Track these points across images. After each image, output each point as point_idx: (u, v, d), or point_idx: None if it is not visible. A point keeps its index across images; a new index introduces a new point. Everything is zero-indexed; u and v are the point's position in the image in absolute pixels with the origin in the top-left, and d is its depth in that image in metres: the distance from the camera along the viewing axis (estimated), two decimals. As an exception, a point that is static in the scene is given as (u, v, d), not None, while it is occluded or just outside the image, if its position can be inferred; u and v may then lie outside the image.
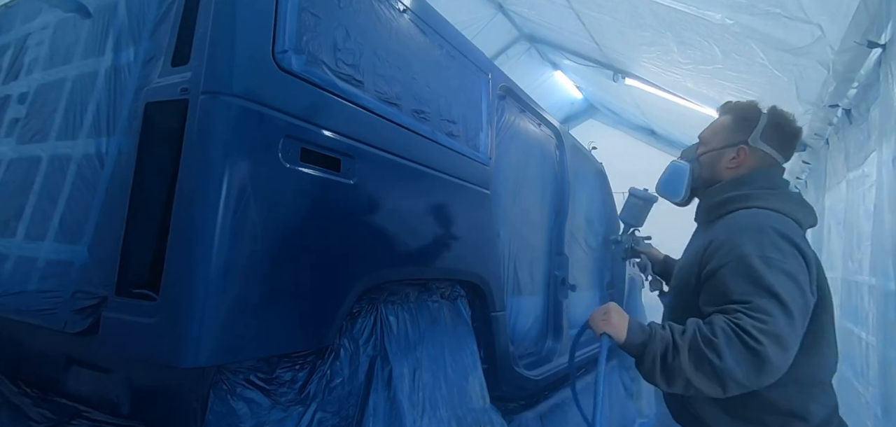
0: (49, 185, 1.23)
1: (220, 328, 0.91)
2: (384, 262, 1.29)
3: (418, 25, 1.51)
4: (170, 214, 0.93)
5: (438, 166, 1.52)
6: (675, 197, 1.26)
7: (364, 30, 1.26)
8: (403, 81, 1.40)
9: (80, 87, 1.28)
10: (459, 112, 1.67)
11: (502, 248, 1.99)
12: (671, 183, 1.27)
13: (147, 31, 1.17)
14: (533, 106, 2.39)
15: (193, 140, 0.94)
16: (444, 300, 1.61)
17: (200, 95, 0.94)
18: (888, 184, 1.76)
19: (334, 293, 1.14)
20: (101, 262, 1.04)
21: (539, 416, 2.27)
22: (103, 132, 1.17)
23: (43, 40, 1.45)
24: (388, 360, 1.28)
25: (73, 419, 1.14)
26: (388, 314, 1.35)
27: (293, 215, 1.05)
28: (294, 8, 1.07)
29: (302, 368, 1.15)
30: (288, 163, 1.03)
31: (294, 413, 1.10)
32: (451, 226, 1.57)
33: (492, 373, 1.78)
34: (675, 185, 1.26)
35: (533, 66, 6.03)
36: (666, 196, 1.29)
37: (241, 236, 0.94)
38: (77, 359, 1.18)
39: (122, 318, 0.96)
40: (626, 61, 4.63)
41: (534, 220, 2.39)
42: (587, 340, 1.40)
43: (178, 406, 1.05)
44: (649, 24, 3.26)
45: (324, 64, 1.13)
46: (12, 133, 1.40)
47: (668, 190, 1.28)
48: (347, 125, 1.18)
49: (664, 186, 1.29)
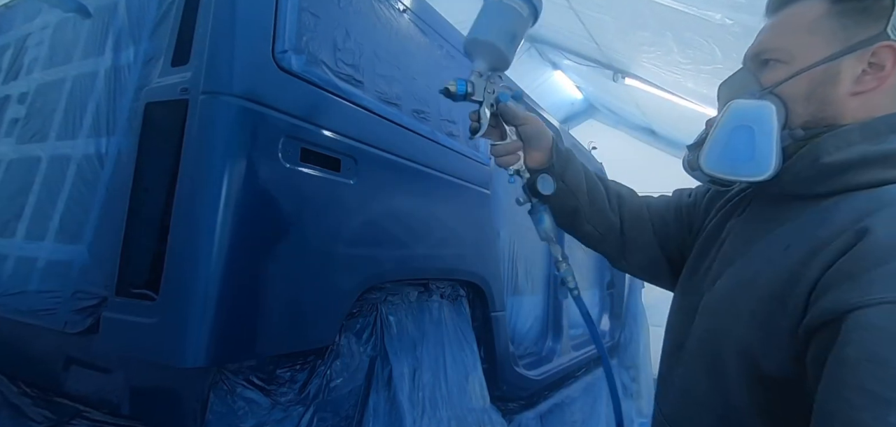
0: (49, 185, 1.24)
1: (221, 328, 0.91)
2: (384, 262, 1.29)
3: (418, 25, 1.51)
4: (170, 214, 0.93)
5: (438, 166, 1.52)
6: (756, 171, 0.60)
7: (364, 30, 1.26)
8: (403, 81, 1.40)
9: (79, 87, 1.28)
10: (459, 112, 1.67)
11: (502, 248, 1.99)
12: (744, 145, 0.61)
13: (147, 31, 1.17)
14: (533, 106, 2.39)
15: (193, 140, 0.94)
16: (445, 300, 1.61)
17: (200, 95, 0.94)
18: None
19: (334, 293, 1.14)
20: (101, 262, 1.04)
21: (539, 416, 2.27)
22: (103, 132, 1.17)
23: (43, 40, 1.45)
24: (388, 360, 1.28)
25: (73, 419, 1.14)
26: (388, 314, 1.35)
27: (293, 215, 1.05)
28: (294, 8, 1.07)
29: (302, 368, 1.15)
30: (288, 163, 1.03)
31: (294, 413, 1.10)
32: (452, 226, 1.57)
33: (492, 373, 1.78)
34: (753, 149, 0.60)
35: (533, 66, 6.03)
36: (733, 173, 0.63)
37: (241, 236, 0.94)
38: (77, 359, 1.18)
39: (122, 318, 0.96)
40: (626, 61, 4.63)
41: (534, 220, 2.39)
42: (588, 339, 1.39)
43: (178, 406, 1.05)
44: (649, 24, 3.26)
45: (324, 64, 1.13)
46: (12, 133, 1.40)
47: (739, 160, 0.62)
48: (347, 125, 1.18)
49: (730, 153, 0.63)
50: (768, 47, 0.65)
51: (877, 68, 0.58)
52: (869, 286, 0.43)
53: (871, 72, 0.58)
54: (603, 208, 0.89)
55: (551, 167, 0.86)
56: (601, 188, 0.90)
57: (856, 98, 0.59)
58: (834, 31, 0.60)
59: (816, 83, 0.60)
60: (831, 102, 0.60)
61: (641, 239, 0.88)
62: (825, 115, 0.60)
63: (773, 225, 0.61)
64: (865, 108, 0.59)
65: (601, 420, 2.94)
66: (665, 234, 0.87)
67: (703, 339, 0.64)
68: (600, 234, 0.91)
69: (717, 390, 0.60)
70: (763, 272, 0.56)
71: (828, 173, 0.57)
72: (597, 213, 0.89)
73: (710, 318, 0.63)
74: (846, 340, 0.42)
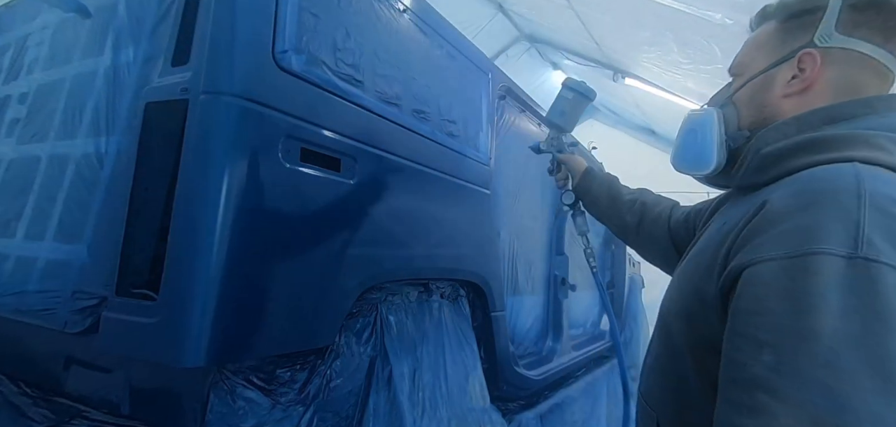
0: (49, 184, 1.24)
1: (221, 328, 0.91)
2: (384, 262, 1.29)
3: (418, 25, 1.51)
4: (170, 214, 0.93)
5: (438, 166, 1.52)
6: (701, 167, 0.73)
7: (364, 30, 1.26)
8: (403, 81, 1.40)
9: (79, 87, 1.28)
10: (459, 112, 1.67)
11: (502, 248, 1.99)
12: (691, 146, 0.74)
13: (147, 31, 1.17)
14: (533, 106, 2.39)
15: (193, 140, 0.94)
16: (445, 300, 1.61)
17: (200, 95, 0.94)
18: None
19: (335, 293, 1.14)
20: (101, 261, 1.04)
21: (539, 415, 2.27)
22: (103, 132, 1.17)
23: (43, 40, 1.45)
24: (388, 360, 1.28)
25: (73, 419, 1.14)
26: (388, 314, 1.35)
27: (293, 215, 1.05)
28: (294, 8, 1.07)
29: (302, 368, 1.15)
30: (288, 163, 1.03)
31: (294, 413, 1.10)
32: (452, 226, 1.57)
33: (492, 373, 1.78)
34: (698, 149, 0.73)
35: (533, 66, 6.04)
36: (688, 170, 0.76)
37: (241, 236, 0.94)
38: (77, 359, 1.18)
39: (122, 318, 0.96)
40: (626, 61, 4.64)
41: (534, 220, 2.39)
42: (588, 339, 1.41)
43: (178, 406, 1.05)
44: (649, 24, 3.26)
45: (324, 64, 1.13)
46: (12, 133, 1.40)
47: (687, 159, 0.75)
48: (348, 125, 1.18)
49: (682, 154, 0.77)
50: (733, 63, 0.78)
51: (802, 73, 0.66)
52: (759, 247, 0.50)
53: (799, 76, 0.66)
54: (620, 213, 1.17)
55: (576, 187, 1.33)
56: (620, 200, 1.18)
57: (787, 100, 0.67)
58: (775, 45, 0.70)
59: (756, 90, 0.71)
60: (767, 105, 0.69)
61: (655, 235, 1.07)
62: (765, 117, 0.69)
63: (730, 210, 0.69)
64: (798, 108, 0.66)
65: (601, 420, 2.94)
66: (677, 235, 1.02)
67: (661, 313, 0.72)
68: (618, 229, 1.21)
69: (670, 358, 0.67)
70: (706, 249, 0.64)
71: (768, 162, 0.63)
72: (614, 216, 1.20)
73: (667, 294, 0.72)
74: (739, 294, 0.50)
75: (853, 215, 0.47)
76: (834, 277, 0.44)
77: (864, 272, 0.44)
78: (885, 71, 0.62)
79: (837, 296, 0.44)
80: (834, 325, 0.43)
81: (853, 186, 0.49)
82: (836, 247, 0.46)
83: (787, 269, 0.47)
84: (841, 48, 0.63)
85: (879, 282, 0.44)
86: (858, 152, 0.55)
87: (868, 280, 0.44)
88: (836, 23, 0.64)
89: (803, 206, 0.50)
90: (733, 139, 0.71)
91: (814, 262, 0.45)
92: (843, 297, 0.44)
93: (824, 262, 0.45)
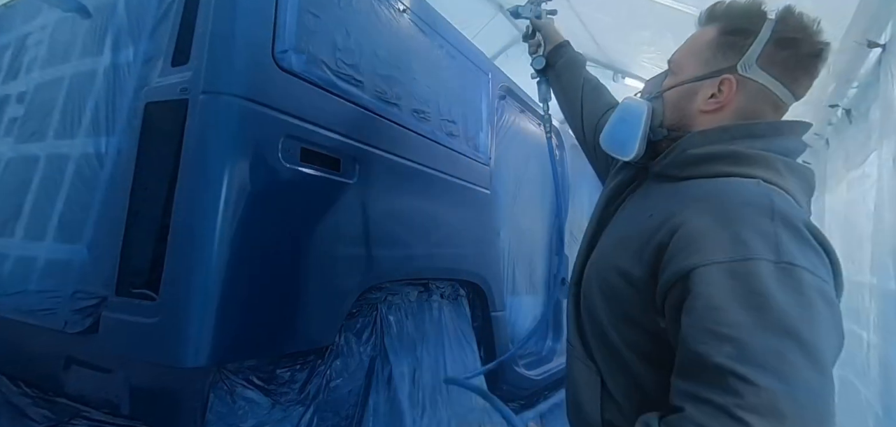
0: (48, 184, 1.23)
1: (221, 328, 0.91)
2: (384, 262, 1.29)
3: (418, 25, 1.51)
4: (170, 214, 0.93)
5: (438, 166, 1.52)
6: (623, 153, 0.80)
7: (364, 30, 1.26)
8: (403, 81, 1.40)
9: (79, 87, 1.28)
10: (459, 112, 1.67)
11: (502, 248, 1.99)
12: (620, 132, 0.80)
13: (147, 30, 1.17)
14: (533, 106, 2.39)
15: (193, 140, 0.94)
16: (445, 300, 1.61)
17: (200, 95, 0.94)
18: (888, 183, 1.76)
19: (334, 293, 1.14)
20: (101, 261, 1.04)
21: (539, 415, 2.27)
22: (103, 132, 1.17)
23: (42, 40, 1.45)
24: (388, 360, 1.28)
25: (73, 419, 1.14)
26: (388, 314, 1.34)
27: (293, 215, 1.05)
28: (294, 8, 1.07)
29: (302, 368, 1.14)
30: (288, 162, 1.03)
31: (294, 413, 1.10)
32: (452, 226, 1.57)
33: (492, 373, 1.78)
34: (624, 137, 0.79)
35: (533, 66, 6.03)
36: (611, 150, 0.82)
37: (241, 236, 0.94)
38: (77, 359, 1.18)
39: (122, 318, 0.96)
40: (626, 61, 4.63)
41: (534, 220, 2.39)
42: None
43: (178, 406, 1.05)
44: (649, 24, 3.27)
45: (324, 64, 1.13)
46: (11, 132, 1.40)
47: (614, 143, 0.81)
48: (347, 125, 1.18)
49: (609, 135, 0.82)
50: (672, 57, 0.82)
51: (720, 94, 0.73)
52: (700, 252, 0.58)
53: (717, 96, 0.74)
54: (575, 91, 1.18)
55: (547, 54, 1.25)
56: (579, 80, 1.19)
57: (703, 115, 0.75)
58: (707, 57, 0.76)
59: (682, 96, 0.77)
60: (687, 114, 0.77)
61: (590, 124, 1.11)
62: (683, 123, 0.77)
63: (649, 198, 0.78)
64: (710, 123, 0.74)
65: (601, 420, 2.93)
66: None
67: (586, 280, 0.80)
68: (569, 111, 1.21)
69: (596, 329, 0.76)
70: (631, 235, 0.71)
71: (691, 162, 0.73)
72: (570, 91, 1.19)
73: (592, 266, 0.80)
74: (695, 294, 0.57)
75: (770, 229, 0.57)
76: (770, 279, 0.54)
77: (790, 273, 0.55)
78: (781, 104, 0.74)
79: (776, 294, 0.54)
80: (777, 317, 0.53)
81: (766, 206, 0.60)
82: (766, 254, 0.56)
83: (733, 273, 0.56)
84: (755, 81, 0.72)
85: (802, 281, 0.55)
86: (762, 172, 0.66)
87: (795, 280, 0.55)
88: (759, 55, 0.71)
89: (731, 221, 0.59)
90: (654, 133, 0.79)
91: (754, 266, 0.55)
92: (782, 295, 0.54)
93: (761, 266, 0.55)
